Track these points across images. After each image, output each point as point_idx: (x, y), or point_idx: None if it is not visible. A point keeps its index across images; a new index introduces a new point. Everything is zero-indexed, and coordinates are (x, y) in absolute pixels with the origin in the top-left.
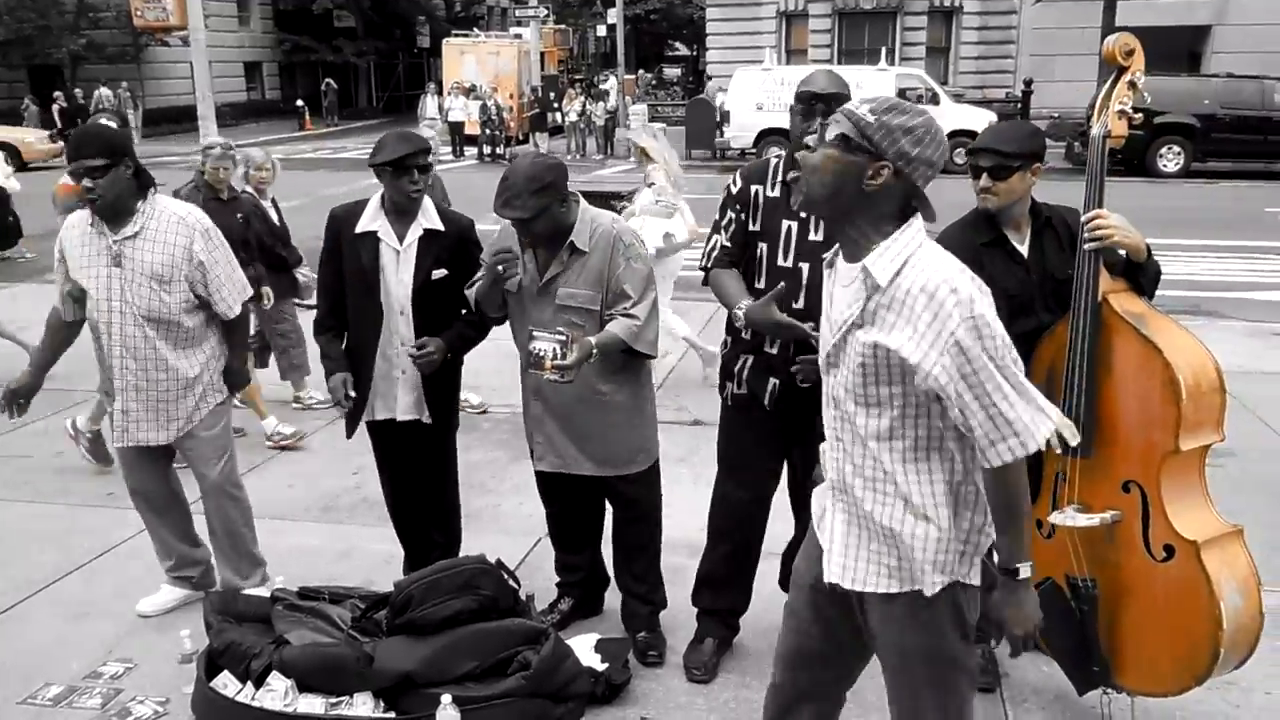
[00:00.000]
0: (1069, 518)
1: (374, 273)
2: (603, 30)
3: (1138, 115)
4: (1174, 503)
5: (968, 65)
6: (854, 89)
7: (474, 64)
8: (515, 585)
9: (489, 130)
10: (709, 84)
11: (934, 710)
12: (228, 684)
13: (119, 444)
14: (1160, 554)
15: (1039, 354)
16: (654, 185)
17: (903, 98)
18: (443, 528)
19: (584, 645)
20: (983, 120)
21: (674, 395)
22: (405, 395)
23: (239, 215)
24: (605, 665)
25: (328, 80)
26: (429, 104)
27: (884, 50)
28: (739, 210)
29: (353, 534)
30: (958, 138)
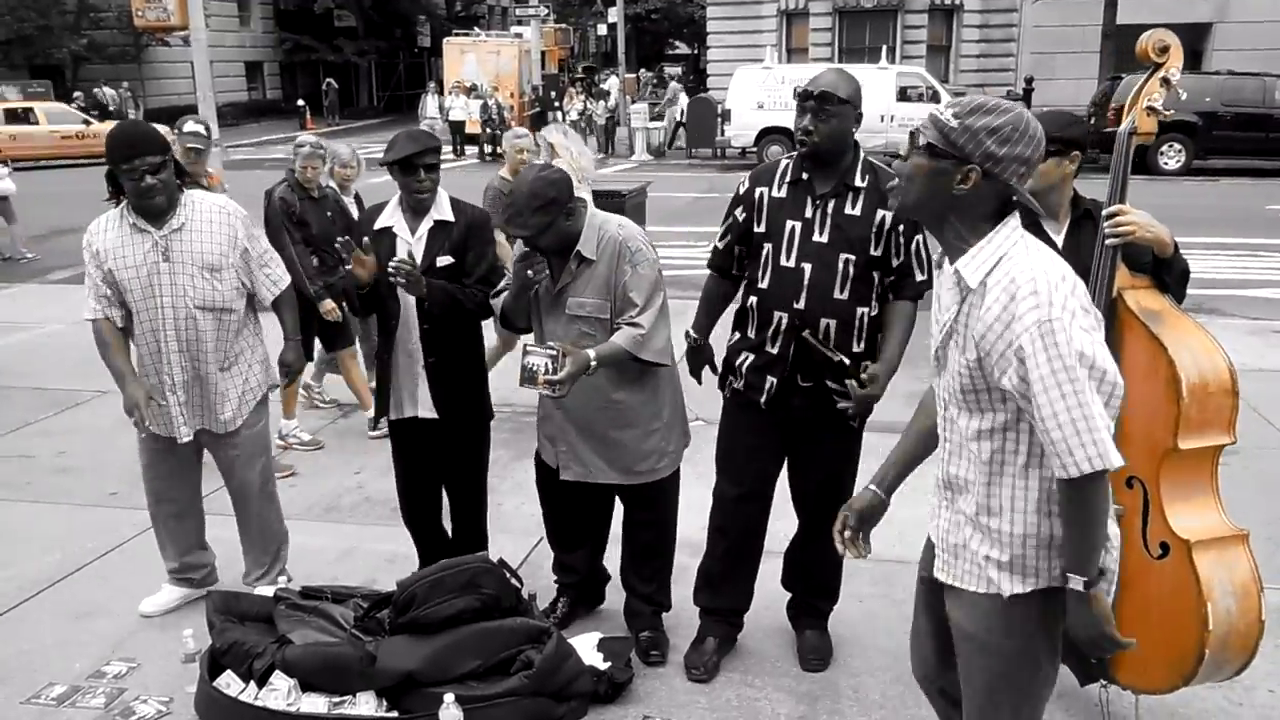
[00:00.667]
0: None
1: None
2: (603, 29)
3: (1169, 113)
4: (1174, 501)
5: (968, 63)
6: None
7: (475, 63)
8: (518, 584)
9: (490, 129)
10: (670, 86)
11: (1006, 711)
12: (231, 683)
13: (184, 439)
14: (1156, 551)
15: None
16: None
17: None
18: (466, 534)
19: (586, 644)
20: None
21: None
22: (426, 392)
23: (328, 213)
24: (608, 664)
25: (329, 80)
26: (429, 103)
27: (885, 48)
28: (743, 212)
29: (355, 533)
30: None
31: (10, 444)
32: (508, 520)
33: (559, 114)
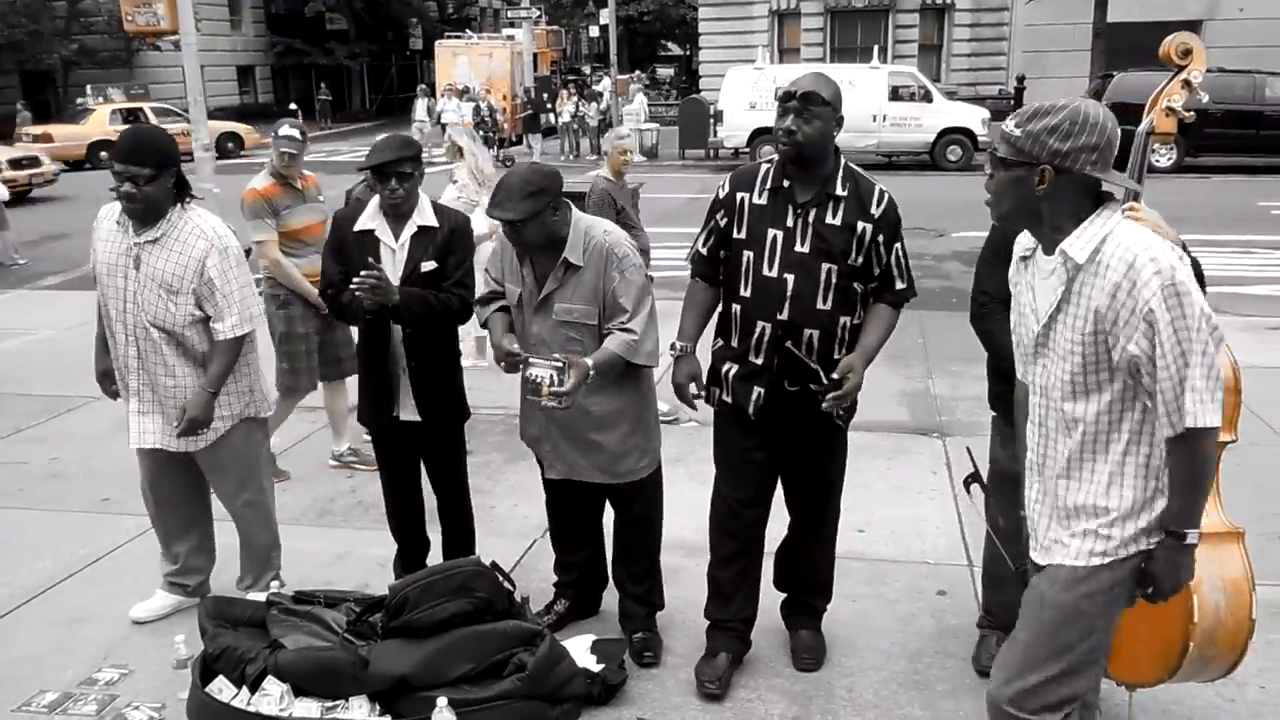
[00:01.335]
0: None
1: None
2: (595, 31)
3: (1189, 114)
4: None
5: (960, 62)
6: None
7: (467, 65)
8: (510, 587)
9: (482, 132)
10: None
11: (1049, 659)
12: (223, 689)
13: (135, 445)
14: None
15: None
16: (457, 182)
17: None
18: (455, 531)
19: (580, 646)
20: (976, 117)
21: (669, 396)
22: (407, 394)
23: None
24: (601, 666)
25: (321, 84)
26: (419, 106)
27: (876, 48)
28: (723, 216)
29: (348, 538)
30: (950, 135)
31: (2, 450)
32: (501, 523)
33: (552, 116)
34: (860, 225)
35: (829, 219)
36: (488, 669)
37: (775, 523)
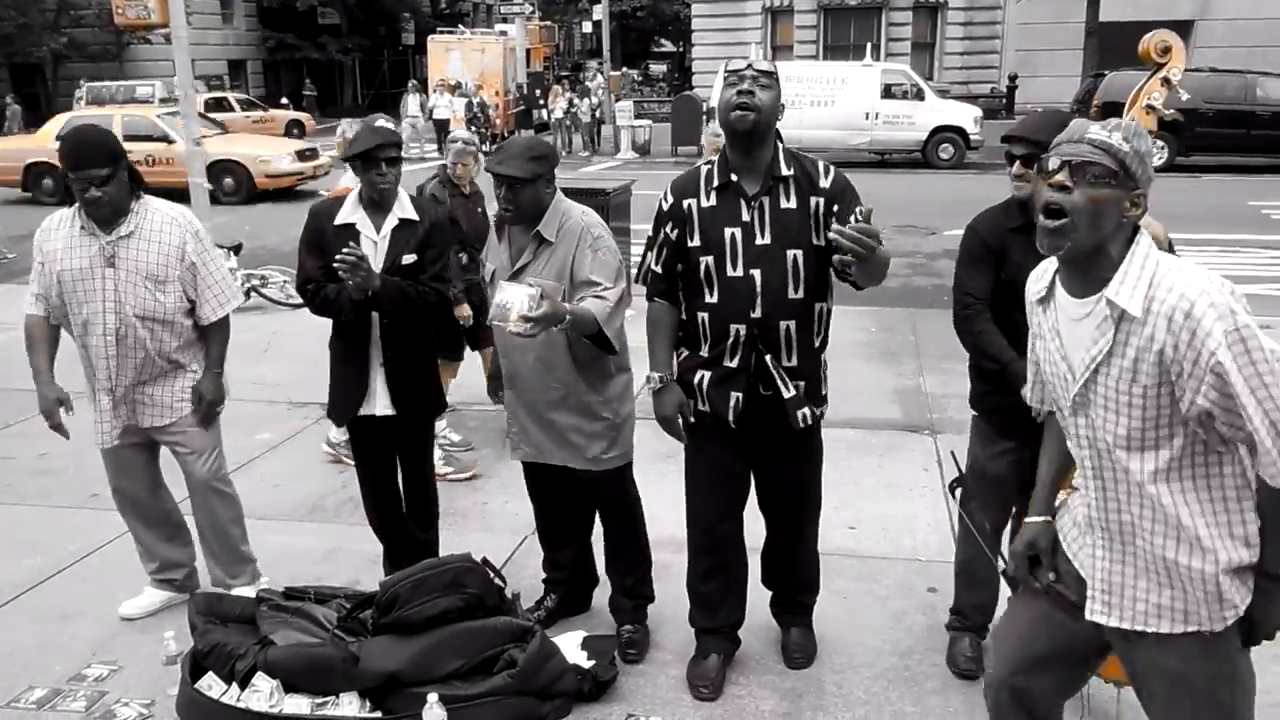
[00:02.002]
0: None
1: None
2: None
3: (1169, 112)
4: None
5: (953, 60)
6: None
7: (459, 61)
8: (501, 583)
9: (474, 127)
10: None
11: None
12: (213, 685)
13: (105, 445)
14: None
15: None
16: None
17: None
18: (421, 527)
19: (571, 643)
20: (968, 116)
21: None
22: (383, 389)
23: (479, 209)
24: (592, 662)
25: (307, 80)
26: (411, 101)
27: (869, 45)
28: (672, 229)
29: (339, 533)
30: (942, 133)
31: None
32: (491, 519)
33: (544, 111)
34: (814, 201)
35: (784, 203)
36: (478, 665)
37: (754, 520)
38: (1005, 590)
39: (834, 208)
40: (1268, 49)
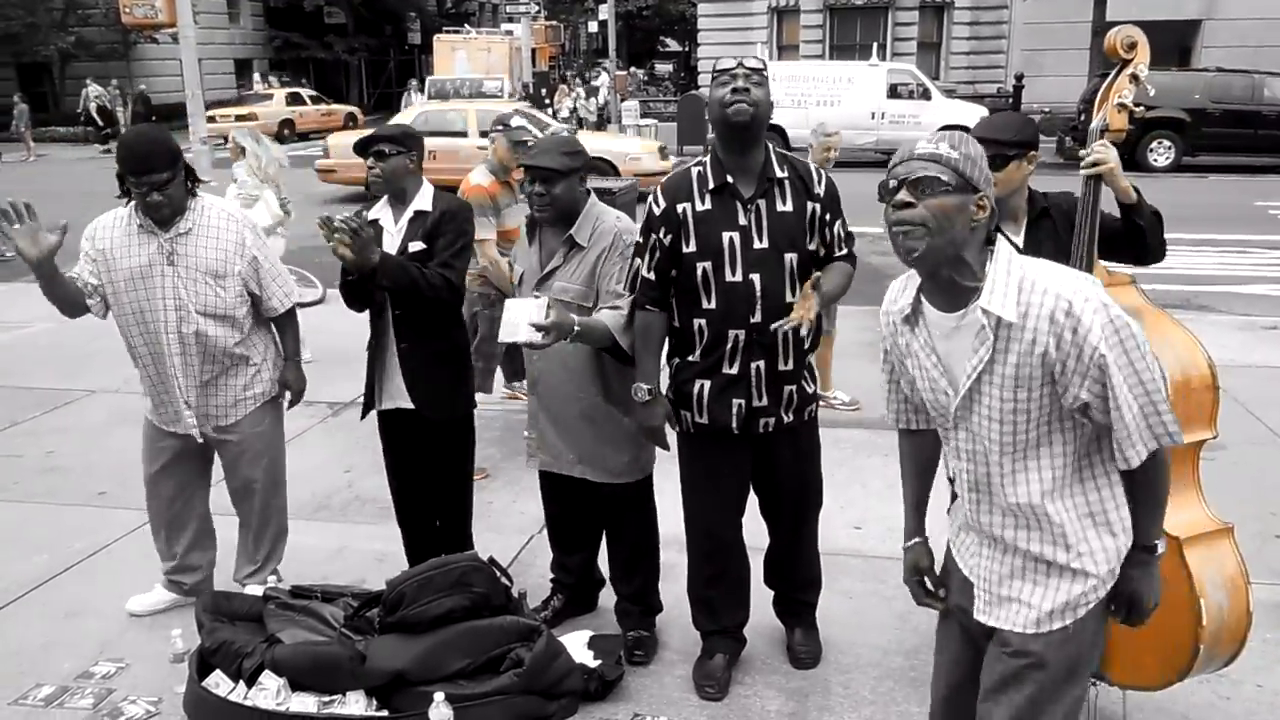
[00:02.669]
0: None
1: None
2: (594, 26)
3: (1139, 109)
4: None
5: (959, 60)
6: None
7: (465, 60)
8: (508, 582)
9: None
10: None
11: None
12: (220, 683)
13: (200, 437)
14: None
15: None
16: (238, 180)
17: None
18: (451, 527)
19: (577, 642)
20: (974, 115)
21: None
22: (400, 384)
23: None
24: (598, 662)
25: (303, 81)
26: (414, 100)
27: (875, 45)
28: (665, 233)
29: (345, 532)
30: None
31: None
32: (499, 518)
33: (550, 111)
34: (810, 206)
35: (780, 206)
36: (485, 664)
37: (754, 519)
38: None
39: (826, 216)
40: (1275, 49)
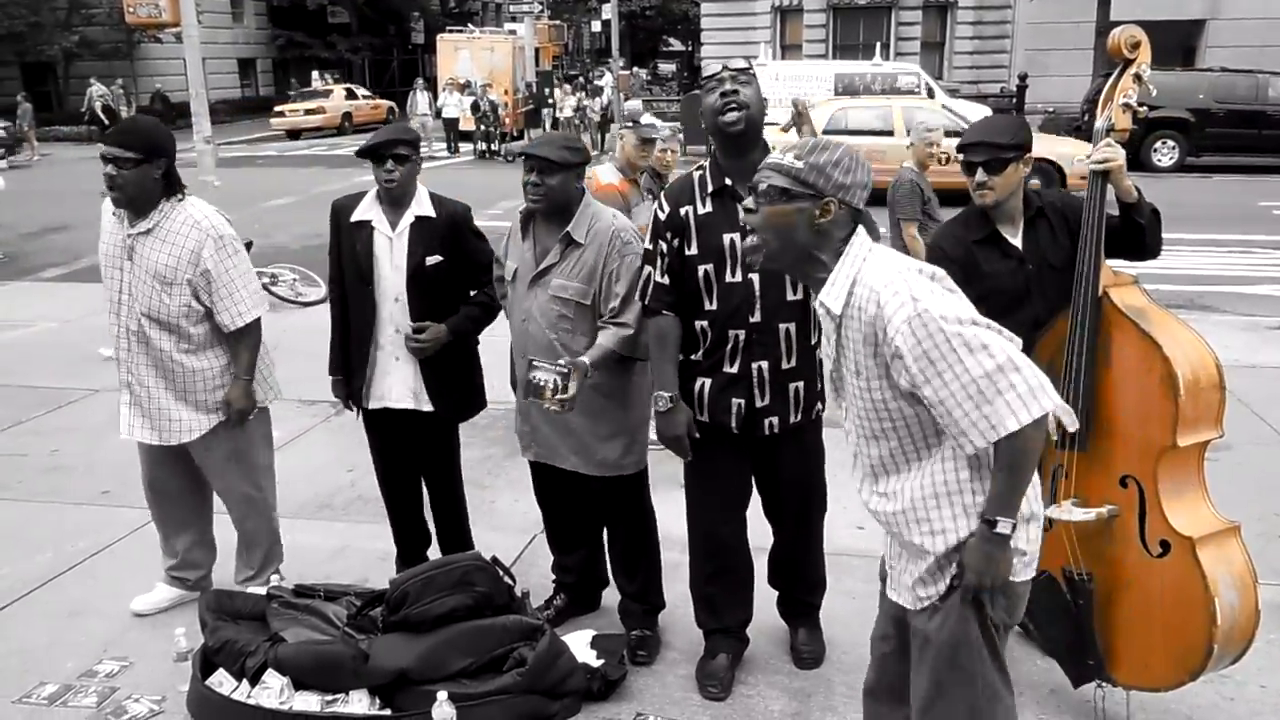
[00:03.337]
0: (1066, 512)
1: (368, 260)
2: (597, 26)
3: (1143, 109)
4: (1171, 498)
5: (962, 60)
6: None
7: (469, 60)
8: (510, 582)
9: (484, 126)
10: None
11: (958, 701)
12: (223, 682)
13: (124, 436)
14: (1156, 549)
15: (1039, 349)
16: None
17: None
18: (449, 528)
19: (580, 641)
20: (978, 115)
21: None
22: (401, 383)
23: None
24: (601, 661)
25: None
26: (420, 100)
27: (879, 45)
28: (673, 237)
29: (348, 531)
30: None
31: (2, 443)
32: (501, 517)
33: (553, 110)
34: None
35: None
36: (488, 663)
37: (756, 518)
38: None
39: None
40: (1279, 49)
